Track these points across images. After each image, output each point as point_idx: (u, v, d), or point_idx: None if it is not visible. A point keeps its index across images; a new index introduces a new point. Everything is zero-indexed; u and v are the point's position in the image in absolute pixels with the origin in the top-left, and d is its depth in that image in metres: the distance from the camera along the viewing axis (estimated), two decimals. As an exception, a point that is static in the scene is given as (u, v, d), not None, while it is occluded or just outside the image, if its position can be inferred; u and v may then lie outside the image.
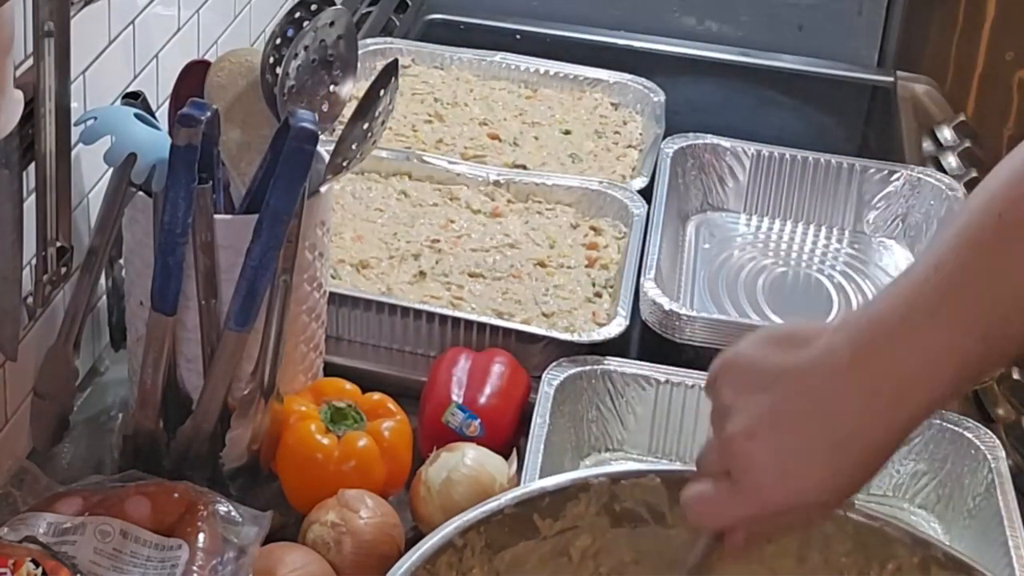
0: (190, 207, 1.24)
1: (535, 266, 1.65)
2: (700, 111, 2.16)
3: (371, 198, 1.74)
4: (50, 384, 1.34)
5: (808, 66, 2.35)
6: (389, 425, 1.33)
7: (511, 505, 1.06)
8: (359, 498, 1.26)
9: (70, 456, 1.38)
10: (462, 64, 2.11)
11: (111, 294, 1.44)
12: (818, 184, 1.86)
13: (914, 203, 1.83)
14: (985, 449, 1.37)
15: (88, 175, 1.40)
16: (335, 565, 1.22)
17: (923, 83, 2.34)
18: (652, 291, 1.54)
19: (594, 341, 1.48)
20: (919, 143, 2.15)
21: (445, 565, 1.02)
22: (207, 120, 1.23)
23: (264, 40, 1.47)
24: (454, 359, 1.43)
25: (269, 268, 1.27)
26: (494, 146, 1.90)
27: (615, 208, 1.74)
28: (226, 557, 1.21)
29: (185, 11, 1.59)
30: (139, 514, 1.22)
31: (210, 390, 1.30)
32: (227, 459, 1.31)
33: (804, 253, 1.82)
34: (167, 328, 1.28)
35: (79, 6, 1.27)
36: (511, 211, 1.74)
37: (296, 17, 1.37)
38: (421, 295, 1.57)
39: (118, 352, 1.47)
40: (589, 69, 2.09)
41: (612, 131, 1.97)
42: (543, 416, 1.36)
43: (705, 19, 2.43)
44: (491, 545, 1.05)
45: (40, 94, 1.23)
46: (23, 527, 1.19)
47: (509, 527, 1.06)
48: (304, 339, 1.38)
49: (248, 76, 1.36)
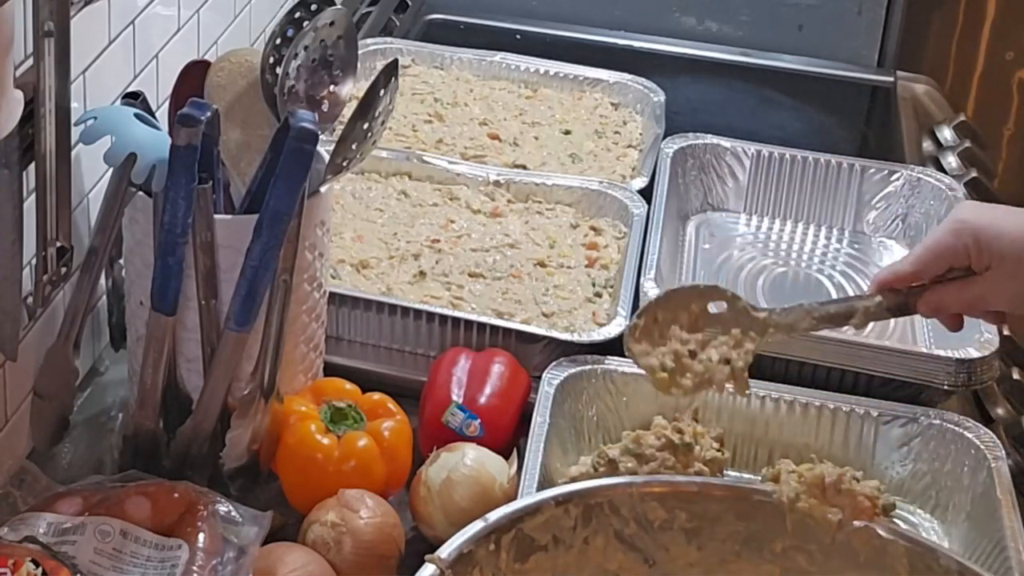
0: (190, 207, 1.24)
1: (535, 266, 1.65)
2: (700, 111, 2.16)
3: (371, 198, 1.74)
4: (50, 384, 1.34)
5: (808, 66, 2.36)
6: (389, 425, 1.33)
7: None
8: (359, 498, 1.26)
9: (70, 456, 1.38)
10: (462, 64, 2.11)
11: (111, 294, 1.44)
12: (818, 184, 1.86)
13: (914, 203, 1.83)
14: (985, 449, 1.37)
15: (88, 175, 1.40)
16: (335, 565, 1.22)
17: (923, 83, 2.34)
18: (652, 291, 1.54)
19: (594, 341, 1.48)
20: (919, 143, 2.15)
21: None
22: (207, 120, 1.23)
23: (264, 40, 1.47)
24: (454, 359, 1.43)
25: (269, 268, 1.27)
26: (494, 146, 1.90)
27: (615, 208, 1.74)
28: (226, 557, 1.21)
29: (185, 11, 1.59)
30: (139, 514, 1.22)
31: (210, 390, 1.30)
32: (227, 459, 1.31)
33: (804, 253, 1.82)
34: (167, 328, 1.28)
35: (79, 6, 1.27)
36: (511, 211, 1.74)
37: (296, 17, 1.37)
38: (421, 295, 1.57)
39: (118, 352, 1.47)
40: (589, 69, 2.09)
41: (612, 131, 1.98)
42: (543, 416, 1.36)
43: (705, 19, 2.43)
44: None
45: (40, 94, 1.23)
46: (23, 527, 1.19)
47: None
48: (304, 339, 1.38)
49: (248, 76, 1.37)
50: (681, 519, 1.14)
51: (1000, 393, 1.66)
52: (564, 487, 1.12)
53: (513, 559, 1.07)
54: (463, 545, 1.04)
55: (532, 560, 1.09)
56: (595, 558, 1.12)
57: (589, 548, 1.12)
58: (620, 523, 1.13)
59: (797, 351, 1.48)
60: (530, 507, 1.08)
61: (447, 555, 1.04)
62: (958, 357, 1.46)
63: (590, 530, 1.11)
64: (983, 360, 1.47)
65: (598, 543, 1.12)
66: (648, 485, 1.14)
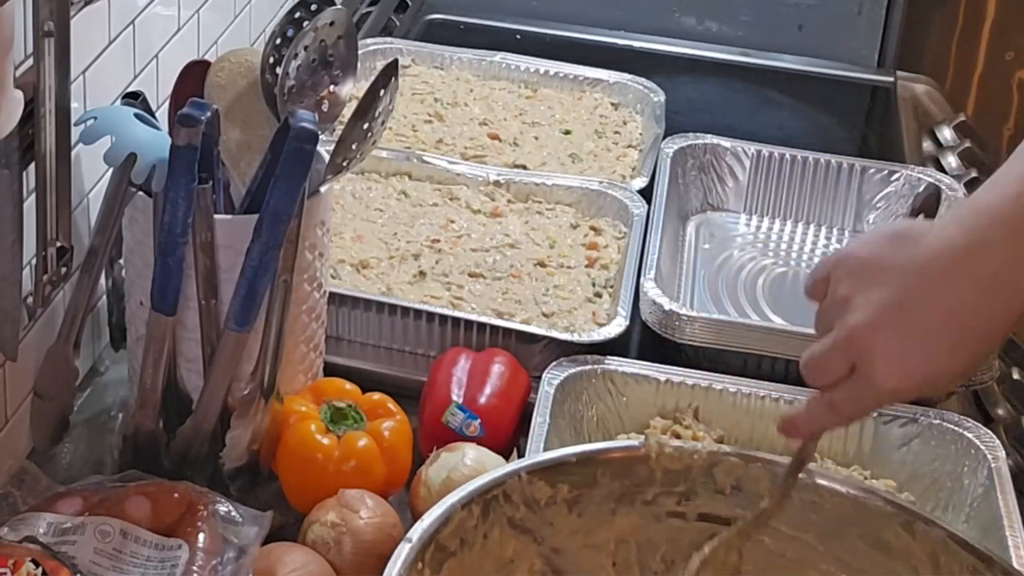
0: (190, 207, 1.24)
1: (535, 266, 1.65)
2: (700, 111, 2.16)
3: (371, 198, 1.74)
4: (50, 384, 1.34)
5: (808, 66, 2.36)
6: (389, 425, 1.33)
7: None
8: (359, 498, 1.26)
9: (70, 456, 1.38)
10: (462, 64, 2.11)
11: (111, 294, 1.44)
12: (818, 184, 1.86)
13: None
14: (985, 449, 1.37)
15: (88, 175, 1.40)
16: (335, 565, 1.22)
17: (923, 83, 2.34)
18: (652, 291, 1.54)
19: (594, 341, 1.48)
20: (919, 143, 2.15)
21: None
22: (207, 120, 1.23)
23: (264, 40, 1.47)
24: (454, 359, 1.43)
25: (269, 268, 1.27)
26: (494, 146, 1.90)
27: (615, 208, 1.74)
28: (226, 557, 1.21)
29: (185, 11, 1.59)
30: (139, 514, 1.22)
31: (210, 390, 1.30)
32: (227, 459, 1.31)
33: (804, 253, 1.82)
34: (167, 328, 1.28)
35: (79, 6, 1.27)
36: (511, 211, 1.74)
37: (296, 17, 1.37)
38: (421, 295, 1.57)
39: (118, 352, 1.47)
40: (589, 69, 2.09)
41: (612, 131, 1.98)
42: (543, 416, 1.36)
43: (705, 19, 2.43)
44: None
45: (40, 94, 1.23)
46: (23, 527, 1.19)
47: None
48: (304, 339, 1.38)
49: (248, 76, 1.37)
50: (563, 491, 1.16)
51: (1000, 393, 1.66)
52: (462, 489, 1.12)
53: (432, 572, 1.08)
54: (399, 573, 1.04)
55: (445, 568, 1.09)
56: (493, 551, 1.13)
57: (488, 542, 1.13)
58: (512, 509, 1.14)
59: (798, 351, 1.48)
60: (442, 517, 1.09)
61: None
62: (958, 357, 1.46)
63: (488, 524, 1.13)
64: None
65: (495, 535, 1.13)
66: (533, 466, 1.16)
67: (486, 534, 1.12)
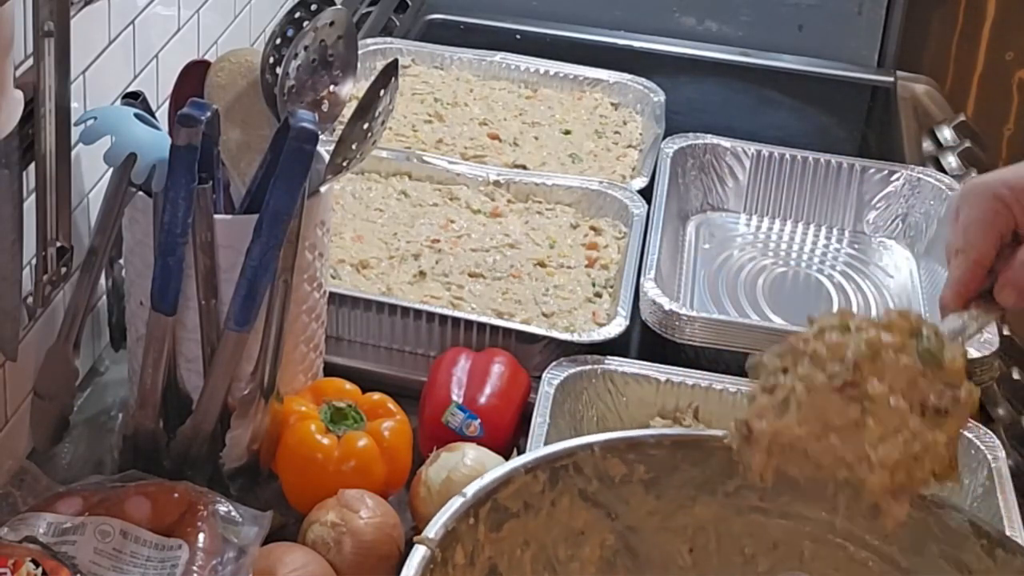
0: (190, 207, 1.24)
1: (535, 266, 1.65)
2: (700, 111, 2.16)
3: (371, 198, 1.74)
4: (50, 384, 1.34)
5: (808, 66, 2.36)
6: (389, 425, 1.33)
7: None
8: (359, 498, 1.26)
9: (70, 456, 1.38)
10: (462, 64, 2.11)
11: (111, 294, 1.44)
12: (818, 184, 1.86)
13: (914, 203, 1.83)
14: (985, 449, 1.37)
15: (88, 175, 1.40)
16: (335, 565, 1.22)
17: (923, 83, 2.34)
18: (652, 291, 1.54)
19: (594, 341, 1.48)
20: (919, 143, 2.15)
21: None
22: (207, 120, 1.23)
23: (264, 40, 1.47)
24: (454, 359, 1.43)
25: (269, 268, 1.27)
26: (494, 146, 1.90)
27: (615, 208, 1.74)
28: (226, 557, 1.21)
29: (185, 11, 1.59)
30: (139, 514, 1.22)
31: (210, 390, 1.30)
32: (227, 459, 1.31)
33: (804, 253, 1.82)
34: (167, 328, 1.28)
35: (79, 6, 1.27)
36: (511, 211, 1.74)
37: (296, 17, 1.37)
38: (421, 295, 1.57)
39: (118, 352, 1.47)
40: (589, 69, 2.09)
41: (612, 131, 1.98)
42: (543, 416, 1.36)
43: (705, 19, 2.43)
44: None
45: (40, 94, 1.23)
46: (23, 527, 1.19)
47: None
48: (304, 339, 1.38)
49: (248, 76, 1.37)
50: (640, 472, 1.16)
51: (1000, 393, 1.66)
52: (530, 455, 1.14)
53: (489, 529, 1.09)
54: (448, 522, 1.06)
55: (506, 528, 1.11)
56: (562, 519, 1.15)
57: (556, 510, 1.14)
58: (584, 482, 1.15)
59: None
60: (503, 477, 1.11)
61: (435, 534, 1.05)
62: (958, 357, 1.46)
63: (556, 492, 1.14)
64: (983, 360, 1.47)
65: (564, 504, 1.15)
66: (608, 443, 1.17)
67: (554, 501, 1.14)
